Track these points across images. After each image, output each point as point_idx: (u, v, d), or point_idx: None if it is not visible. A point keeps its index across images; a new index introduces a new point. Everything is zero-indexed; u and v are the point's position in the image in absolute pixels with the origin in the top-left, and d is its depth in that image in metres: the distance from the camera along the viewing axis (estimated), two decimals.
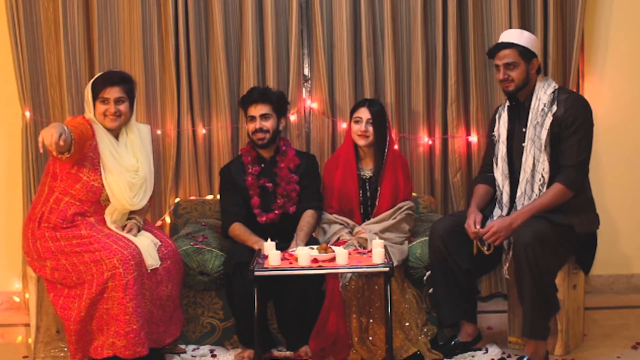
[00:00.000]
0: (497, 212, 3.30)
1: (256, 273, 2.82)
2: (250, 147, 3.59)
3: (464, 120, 4.12)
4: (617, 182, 4.33)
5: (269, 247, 2.95)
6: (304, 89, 4.17)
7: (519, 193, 3.23)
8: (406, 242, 3.47)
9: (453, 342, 3.33)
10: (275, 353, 3.35)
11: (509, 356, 3.28)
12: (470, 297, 3.37)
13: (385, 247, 2.94)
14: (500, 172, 3.32)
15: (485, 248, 3.18)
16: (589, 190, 3.32)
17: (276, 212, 3.47)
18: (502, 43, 3.25)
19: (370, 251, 2.97)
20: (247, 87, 4.01)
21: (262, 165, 3.55)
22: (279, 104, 3.55)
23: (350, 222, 3.51)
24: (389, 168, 3.52)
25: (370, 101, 3.59)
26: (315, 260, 2.89)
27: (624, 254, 4.39)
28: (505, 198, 3.28)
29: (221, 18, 4.03)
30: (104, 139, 3.17)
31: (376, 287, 3.27)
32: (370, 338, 3.26)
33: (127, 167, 3.19)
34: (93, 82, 3.21)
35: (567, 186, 3.13)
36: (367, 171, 3.58)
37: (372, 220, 3.50)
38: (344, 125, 4.07)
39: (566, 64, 4.08)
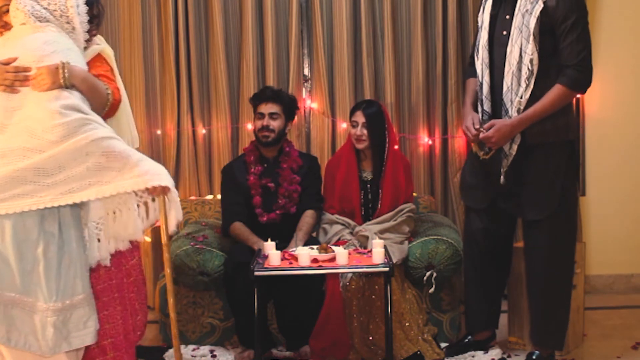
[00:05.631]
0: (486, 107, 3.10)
1: (256, 273, 2.81)
2: (253, 147, 3.58)
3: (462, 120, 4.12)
4: (617, 181, 4.33)
5: (269, 247, 2.95)
6: (304, 89, 4.17)
7: (504, 88, 2.98)
8: (406, 241, 3.47)
9: (467, 340, 3.33)
10: (275, 353, 3.35)
11: (509, 356, 3.28)
12: (499, 302, 3.37)
13: (385, 247, 2.94)
14: (480, 61, 3.07)
15: (483, 153, 3.06)
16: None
17: (277, 212, 3.47)
18: None
19: (371, 251, 2.97)
20: (247, 87, 4.02)
21: (265, 165, 3.54)
22: (289, 106, 3.56)
23: (352, 223, 3.50)
24: (389, 170, 3.51)
25: (368, 103, 3.58)
26: (315, 260, 2.89)
27: (624, 254, 4.39)
28: (486, 89, 3.04)
29: (221, 18, 4.03)
30: None
31: (376, 287, 3.27)
32: (371, 338, 3.26)
33: None
34: None
35: (569, 87, 2.92)
36: (369, 173, 3.57)
37: (373, 221, 3.50)
38: (344, 125, 4.07)
39: None
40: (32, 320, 2.20)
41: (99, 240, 2.35)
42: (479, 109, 3.11)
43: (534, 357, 3.11)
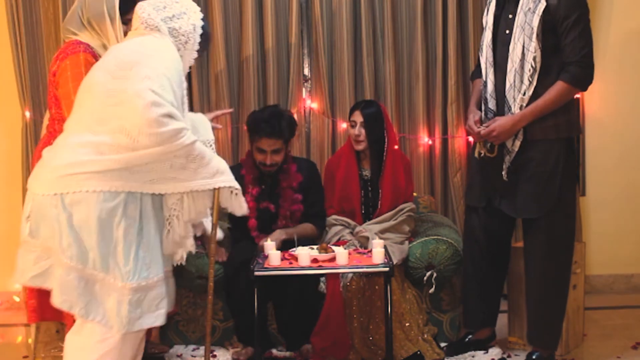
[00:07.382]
0: (491, 104, 3.12)
1: (256, 273, 2.81)
2: (252, 163, 3.43)
3: (463, 120, 4.11)
4: (617, 182, 4.34)
5: (269, 247, 2.95)
6: (304, 89, 4.17)
7: (507, 85, 3.01)
8: (406, 241, 3.47)
9: (467, 340, 3.33)
10: (275, 353, 3.35)
11: (509, 356, 3.28)
12: (498, 301, 3.37)
13: (385, 247, 2.94)
14: (485, 60, 3.12)
15: (486, 150, 3.07)
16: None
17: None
18: None
19: (371, 251, 2.97)
20: (247, 87, 4.02)
21: (263, 186, 3.43)
22: (290, 134, 3.41)
23: (352, 223, 3.50)
24: (388, 169, 3.51)
25: (367, 103, 3.58)
26: (315, 260, 2.89)
27: (624, 254, 4.39)
28: (490, 87, 3.08)
29: (221, 18, 4.03)
30: None
31: (377, 287, 3.27)
32: (371, 338, 3.26)
33: None
34: None
35: (571, 83, 2.94)
36: (368, 172, 3.57)
37: (373, 220, 3.50)
38: (344, 125, 4.07)
39: None
40: (111, 297, 2.30)
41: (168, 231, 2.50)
42: (483, 107, 3.13)
43: (533, 357, 3.11)
